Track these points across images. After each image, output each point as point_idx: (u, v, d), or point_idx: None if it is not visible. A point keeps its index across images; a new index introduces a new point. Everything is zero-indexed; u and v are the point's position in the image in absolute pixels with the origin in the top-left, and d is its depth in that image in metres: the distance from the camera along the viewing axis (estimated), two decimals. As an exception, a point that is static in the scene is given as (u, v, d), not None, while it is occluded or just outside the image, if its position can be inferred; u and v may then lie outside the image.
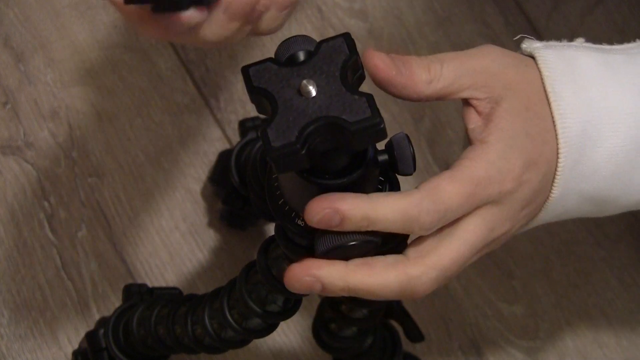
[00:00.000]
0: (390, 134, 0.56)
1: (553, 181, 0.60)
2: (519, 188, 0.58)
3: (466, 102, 0.60)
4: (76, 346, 0.94)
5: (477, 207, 0.58)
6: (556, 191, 0.60)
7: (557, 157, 0.59)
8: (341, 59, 0.55)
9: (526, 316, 0.97)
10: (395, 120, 1.02)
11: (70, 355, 0.94)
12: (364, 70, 0.57)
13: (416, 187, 0.57)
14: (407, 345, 0.89)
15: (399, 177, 0.60)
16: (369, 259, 0.57)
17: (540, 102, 0.60)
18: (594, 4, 1.07)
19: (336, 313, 0.74)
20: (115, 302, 0.96)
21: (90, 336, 0.87)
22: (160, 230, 0.99)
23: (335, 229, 0.55)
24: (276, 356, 0.95)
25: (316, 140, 0.53)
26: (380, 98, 1.04)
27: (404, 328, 0.88)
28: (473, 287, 0.97)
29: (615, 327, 0.97)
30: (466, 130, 0.60)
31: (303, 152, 0.53)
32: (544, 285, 0.98)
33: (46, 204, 1.00)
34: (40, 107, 1.03)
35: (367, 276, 0.56)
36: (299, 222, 0.59)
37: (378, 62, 0.57)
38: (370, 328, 0.79)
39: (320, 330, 0.78)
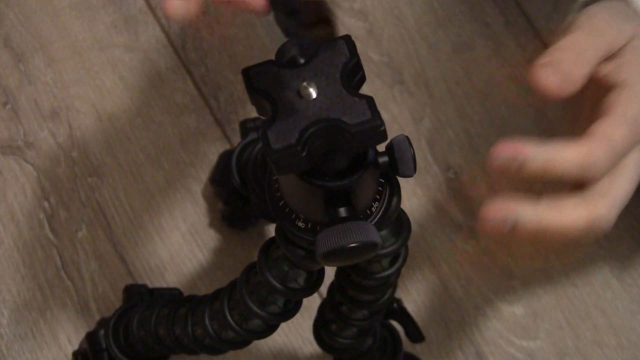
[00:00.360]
0: (390, 134, 0.56)
1: None
2: None
3: None
4: (76, 346, 0.94)
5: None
6: None
7: None
8: (342, 61, 0.55)
9: (526, 316, 0.97)
10: (395, 121, 1.01)
11: (70, 356, 0.94)
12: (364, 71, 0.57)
13: (584, 135, 0.59)
14: (406, 346, 0.89)
15: (399, 178, 0.60)
16: (556, 200, 0.59)
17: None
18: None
19: (337, 314, 0.74)
20: (115, 302, 0.96)
21: (91, 336, 0.87)
22: (160, 230, 0.99)
23: (514, 175, 0.57)
24: (276, 357, 0.95)
25: (316, 142, 0.53)
26: (380, 99, 1.04)
27: (404, 328, 0.88)
28: (473, 287, 0.97)
29: (615, 327, 0.97)
30: (598, 78, 0.61)
31: (303, 154, 0.53)
32: (544, 285, 0.98)
33: (46, 204, 1.00)
34: (40, 107, 1.03)
35: (559, 216, 0.58)
36: (299, 224, 0.59)
37: (546, 82, 0.59)
38: (370, 329, 0.79)
39: (321, 330, 0.78)
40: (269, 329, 0.70)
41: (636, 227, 0.99)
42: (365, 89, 0.55)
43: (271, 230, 0.97)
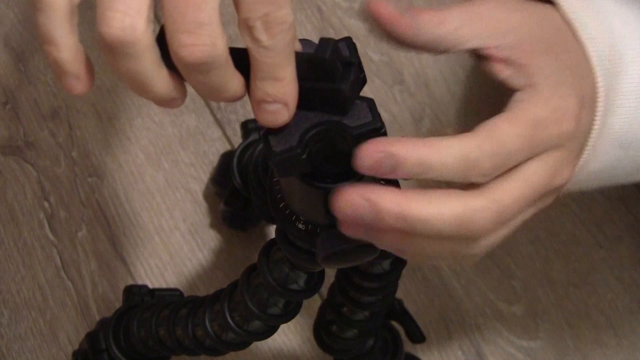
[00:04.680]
0: (390, 134, 0.55)
1: (594, 116, 0.57)
2: (577, 128, 0.55)
3: (481, 56, 0.57)
4: (76, 346, 0.94)
5: (538, 153, 0.54)
6: (598, 126, 0.58)
7: (596, 90, 0.57)
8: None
9: (526, 316, 0.97)
10: (395, 120, 1.01)
11: (70, 356, 0.94)
12: (364, 73, 0.57)
13: (472, 131, 0.52)
14: (407, 346, 0.89)
15: (400, 180, 0.60)
16: (426, 189, 0.52)
17: (562, 36, 0.57)
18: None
19: (338, 315, 0.74)
20: (115, 302, 0.96)
21: (91, 337, 0.87)
22: (160, 231, 0.99)
23: (387, 176, 0.51)
24: (276, 357, 0.95)
25: (317, 144, 0.53)
26: (380, 99, 1.04)
27: (405, 329, 0.88)
28: (473, 287, 0.97)
29: (615, 327, 0.97)
30: (499, 82, 0.56)
31: (304, 156, 0.53)
32: (544, 285, 0.98)
33: (46, 204, 1.00)
34: (40, 107, 1.03)
35: (425, 204, 0.51)
36: (300, 226, 0.59)
37: (382, 8, 0.54)
38: (371, 329, 0.79)
39: (322, 331, 0.78)
40: (270, 330, 0.70)
41: (636, 227, 0.99)
42: (365, 89, 0.55)
43: (272, 231, 0.97)
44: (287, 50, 0.50)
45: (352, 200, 0.51)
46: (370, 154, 0.51)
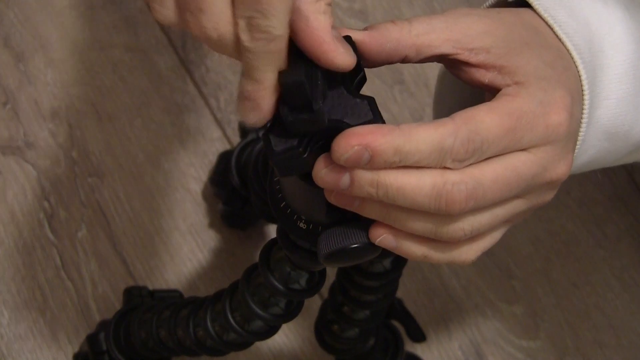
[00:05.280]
0: None
1: (582, 110, 0.57)
2: (571, 121, 0.55)
3: (456, 63, 0.57)
4: (76, 347, 0.94)
5: (527, 147, 0.54)
6: (585, 118, 0.57)
7: (581, 83, 0.57)
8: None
9: (526, 316, 0.97)
10: (395, 120, 1.02)
11: (70, 356, 0.94)
12: (365, 73, 0.57)
13: (450, 117, 0.52)
14: (407, 345, 0.89)
15: None
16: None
17: (539, 34, 0.57)
18: (594, 4, 1.07)
19: (339, 314, 0.74)
20: (115, 302, 0.96)
21: (91, 339, 0.87)
22: (160, 231, 0.99)
23: (365, 168, 0.52)
24: (277, 357, 0.95)
25: (318, 144, 0.53)
26: (380, 98, 1.04)
27: (405, 328, 0.88)
28: (473, 287, 0.97)
29: (615, 327, 0.97)
30: (484, 86, 0.56)
31: (305, 155, 0.53)
32: (544, 285, 0.98)
33: (46, 204, 0.99)
34: (40, 107, 1.03)
35: (401, 173, 0.52)
36: (301, 225, 0.59)
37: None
38: (372, 329, 0.79)
39: (323, 331, 0.78)
40: (271, 330, 0.70)
41: (636, 227, 1.00)
42: (365, 89, 0.55)
43: (271, 230, 0.97)
44: (268, 58, 0.50)
45: (329, 172, 0.52)
46: (345, 147, 0.51)
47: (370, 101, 0.53)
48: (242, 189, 0.91)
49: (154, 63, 1.04)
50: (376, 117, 0.53)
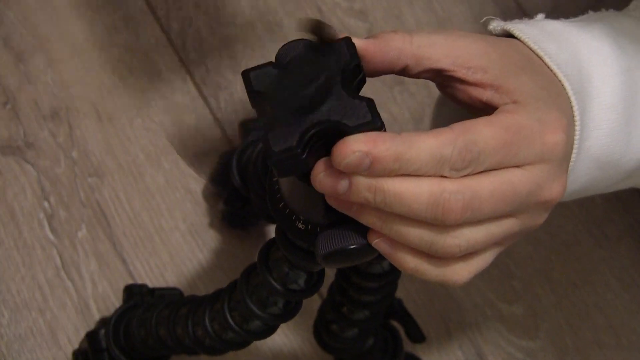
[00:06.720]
0: None
1: (574, 137, 0.58)
2: (567, 142, 0.56)
3: (453, 80, 0.57)
4: (76, 346, 0.94)
5: (523, 163, 0.54)
6: (576, 147, 0.58)
7: (573, 111, 0.57)
8: (342, 63, 0.55)
9: (526, 316, 0.97)
10: (395, 121, 1.02)
11: (70, 355, 0.94)
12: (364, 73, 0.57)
13: (449, 126, 0.53)
14: (407, 346, 0.89)
15: None
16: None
17: (531, 61, 0.58)
18: (594, 4, 1.07)
19: (337, 314, 0.74)
20: (115, 302, 0.96)
21: (91, 336, 0.87)
22: (160, 230, 0.99)
23: (364, 175, 0.52)
24: (276, 357, 0.95)
25: (317, 144, 0.53)
26: (380, 99, 1.04)
27: (405, 328, 0.88)
28: (473, 287, 0.97)
29: (615, 327, 0.97)
30: (479, 103, 0.57)
31: (304, 156, 0.53)
32: (544, 285, 0.98)
33: (46, 204, 0.99)
34: (40, 107, 1.03)
35: (399, 180, 0.52)
36: (300, 225, 0.59)
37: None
38: (371, 329, 0.79)
39: (322, 331, 0.78)
40: (269, 329, 0.70)
41: (636, 227, 0.99)
42: (365, 89, 0.55)
43: (271, 230, 0.97)
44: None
45: (326, 176, 0.53)
46: (346, 153, 0.51)
47: (369, 102, 0.53)
48: (243, 189, 0.91)
49: (154, 63, 1.04)
50: (374, 119, 0.53)
